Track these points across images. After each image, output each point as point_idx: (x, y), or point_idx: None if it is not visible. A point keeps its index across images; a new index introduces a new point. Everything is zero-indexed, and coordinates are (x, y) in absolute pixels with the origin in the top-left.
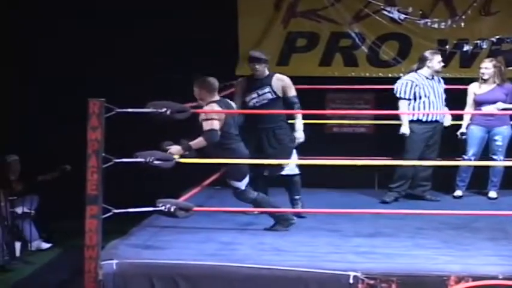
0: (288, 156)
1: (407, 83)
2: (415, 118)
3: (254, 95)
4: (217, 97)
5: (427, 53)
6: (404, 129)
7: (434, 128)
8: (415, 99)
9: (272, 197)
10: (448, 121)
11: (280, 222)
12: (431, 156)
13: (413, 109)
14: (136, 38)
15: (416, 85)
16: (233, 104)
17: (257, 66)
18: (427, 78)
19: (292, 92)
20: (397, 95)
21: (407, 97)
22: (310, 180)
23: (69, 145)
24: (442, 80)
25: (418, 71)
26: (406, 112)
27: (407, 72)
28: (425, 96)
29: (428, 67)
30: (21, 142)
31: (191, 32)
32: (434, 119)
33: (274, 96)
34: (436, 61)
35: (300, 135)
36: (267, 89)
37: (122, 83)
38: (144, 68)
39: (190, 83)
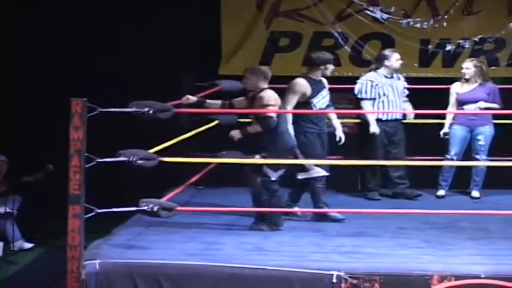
0: None
1: (367, 83)
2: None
3: (320, 97)
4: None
5: (386, 52)
6: (374, 129)
7: (395, 126)
8: (377, 97)
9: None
10: (410, 117)
11: (269, 223)
12: (399, 154)
13: (373, 108)
14: (118, 38)
15: (377, 84)
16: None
17: (334, 67)
18: (385, 76)
19: None
20: (359, 96)
21: (369, 97)
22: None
23: (55, 145)
24: (402, 77)
25: (378, 70)
26: (372, 111)
27: (367, 72)
28: (384, 95)
29: (387, 66)
30: (8, 142)
31: (174, 32)
32: (393, 118)
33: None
34: (394, 59)
35: (342, 135)
36: (326, 92)
37: (103, 83)
38: (127, 68)
39: (173, 83)
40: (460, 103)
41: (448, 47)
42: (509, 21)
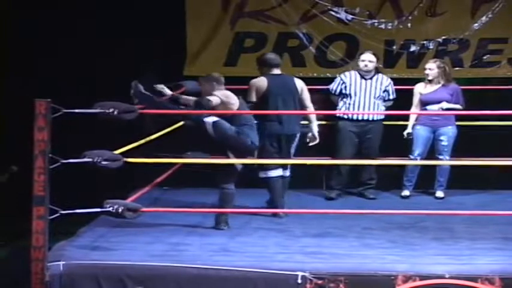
0: None
1: (337, 79)
2: (344, 116)
3: None
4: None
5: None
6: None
7: (363, 126)
8: (344, 96)
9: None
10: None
11: (216, 223)
12: (369, 154)
13: (342, 106)
14: (80, 37)
15: (344, 82)
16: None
17: None
18: (362, 77)
19: None
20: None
21: (334, 91)
22: (258, 180)
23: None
24: (384, 78)
25: (357, 69)
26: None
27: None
28: (351, 95)
29: (358, 65)
30: None
31: (139, 32)
32: (362, 118)
33: None
34: (360, 60)
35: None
36: None
37: (65, 84)
38: (92, 69)
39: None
40: (423, 104)
41: (413, 48)
42: (472, 22)
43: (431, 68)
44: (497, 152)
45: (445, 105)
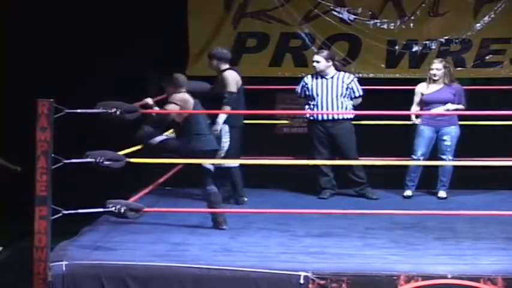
0: None
1: (301, 82)
2: (311, 118)
3: None
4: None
5: None
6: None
7: (330, 127)
8: (309, 98)
9: None
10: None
11: (216, 223)
12: (346, 153)
13: (308, 108)
14: (81, 37)
15: (306, 84)
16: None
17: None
18: (322, 77)
19: None
20: None
21: (299, 95)
22: (259, 180)
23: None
24: (345, 76)
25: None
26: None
27: None
28: (314, 96)
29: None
30: None
31: (140, 32)
32: (327, 118)
33: None
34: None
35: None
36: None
37: (71, 82)
38: (96, 67)
39: (141, 83)
40: (426, 103)
41: (415, 48)
42: (475, 22)
43: (438, 68)
44: (499, 152)
45: (450, 106)
